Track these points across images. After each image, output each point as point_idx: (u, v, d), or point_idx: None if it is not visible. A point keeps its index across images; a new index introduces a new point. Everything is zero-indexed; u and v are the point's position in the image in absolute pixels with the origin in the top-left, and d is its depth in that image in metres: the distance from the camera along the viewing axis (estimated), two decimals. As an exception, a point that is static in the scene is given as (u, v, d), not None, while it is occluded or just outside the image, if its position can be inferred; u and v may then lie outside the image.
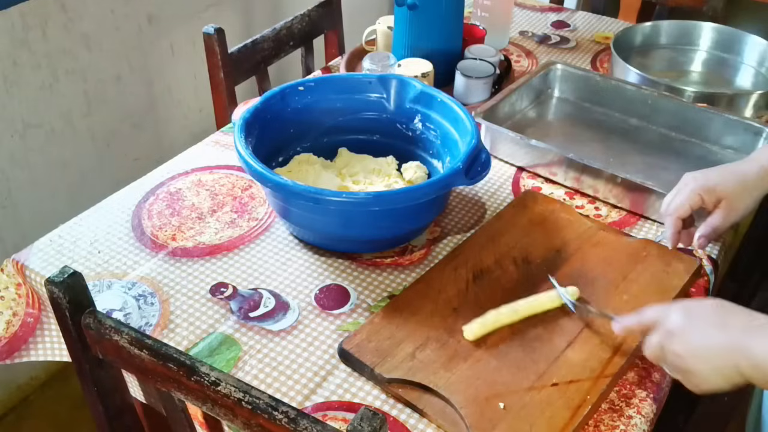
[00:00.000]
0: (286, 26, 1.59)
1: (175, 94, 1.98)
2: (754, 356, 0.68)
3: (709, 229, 0.94)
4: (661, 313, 0.78)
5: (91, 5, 1.66)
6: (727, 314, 0.73)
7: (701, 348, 0.72)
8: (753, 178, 0.91)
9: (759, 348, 0.68)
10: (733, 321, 0.72)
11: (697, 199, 0.93)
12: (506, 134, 1.22)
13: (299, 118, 1.14)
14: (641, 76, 1.35)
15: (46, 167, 1.69)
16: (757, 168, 0.92)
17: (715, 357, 0.71)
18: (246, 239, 1.07)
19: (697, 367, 0.72)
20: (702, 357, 0.72)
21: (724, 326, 0.72)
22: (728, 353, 0.70)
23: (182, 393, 0.72)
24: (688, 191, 0.93)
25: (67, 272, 0.75)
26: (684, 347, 0.73)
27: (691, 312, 0.75)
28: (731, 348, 0.70)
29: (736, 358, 0.69)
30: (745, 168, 0.93)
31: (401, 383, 0.83)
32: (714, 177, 0.93)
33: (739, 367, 0.69)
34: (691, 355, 0.73)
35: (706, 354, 0.72)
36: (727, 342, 0.70)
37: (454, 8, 1.37)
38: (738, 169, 0.93)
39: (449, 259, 1.01)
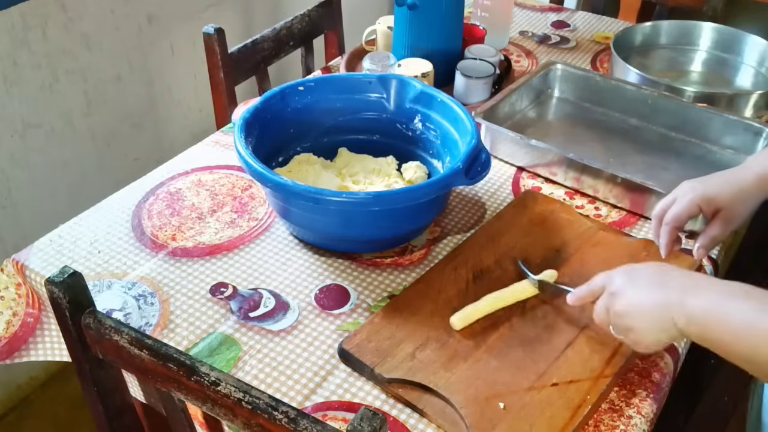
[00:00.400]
0: (286, 26, 1.59)
1: (175, 94, 1.98)
2: (689, 311, 0.71)
3: (707, 239, 0.95)
4: (606, 277, 0.81)
5: (91, 5, 1.66)
6: (667, 275, 0.76)
7: (640, 305, 0.76)
8: (749, 187, 0.92)
9: (693, 303, 0.71)
10: (673, 281, 0.75)
11: (695, 209, 0.94)
12: (506, 134, 1.22)
13: (299, 118, 1.14)
14: (641, 76, 1.35)
15: (46, 167, 1.69)
16: (753, 177, 0.92)
17: (653, 312, 0.74)
18: (246, 239, 1.07)
19: (636, 323, 0.76)
20: (640, 313, 0.76)
21: (663, 285, 0.75)
22: (665, 309, 0.73)
23: (182, 393, 0.72)
24: (687, 201, 0.93)
25: (67, 272, 0.75)
26: (624, 306, 0.77)
27: (632, 273, 0.79)
28: (668, 303, 0.73)
29: (673, 312, 0.72)
30: (741, 176, 0.93)
31: (401, 383, 0.83)
32: (712, 187, 0.93)
33: (676, 321, 0.72)
34: (630, 312, 0.76)
35: (644, 310, 0.75)
36: (664, 298, 0.74)
37: (454, 8, 1.37)
38: (735, 177, 0.93)
39: (449, 259, 1.01)
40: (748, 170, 0.93)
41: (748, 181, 0.92)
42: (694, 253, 0.97)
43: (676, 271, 0.77)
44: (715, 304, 0.70)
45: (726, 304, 0.69)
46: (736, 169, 0.95)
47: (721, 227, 0.94)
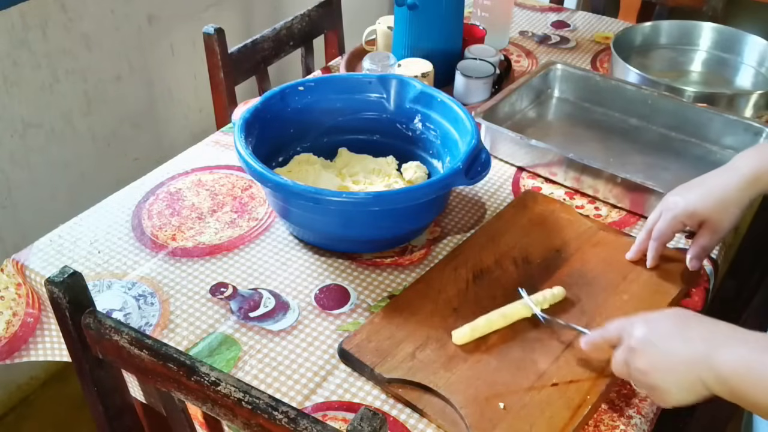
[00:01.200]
0: (286, 26, 1.59)
1: (175, 94, 1.98)
2: (717, 369, 0.67)
3: (698, 249, 0.96)
4: (623, 327, 0.77)
5: (91, 5, 1.66)
6: (689, 326, 0.72)
7: (664, 363, 0.72)
8: (733, 191, 0.90)
9: (721, 360, 0.67)
10: (695, 333, 0.71)
11: (679, 225, 0.94)
12: (506, 134, 1.22)
13: (299, 118, 1.14)
14: (641, 76, 1.35)
15: (46, 167, 1.69)
16: (736, 180, 0.91)
17: (679, 371, 0.70)
18: (246, 239, 1.07)
19: (662, 382, 0.72)
20: (665, 372, 0.71)
21: (686, 339, 0.71)
22: (691, 367, 0.69)
23: (182, 393, 0.72)
24: (670, 218, 0.94)
25: (67, 272, 0.75)
26: (647, 363, 0.73)
27: (652, 326, 0.74)
28: (694, 361, 0.69)
29: (700, 371, 0.69)
30: (724, 182, 0.91)
31: (401, 383, 0.83)
32: (694, 200, 0.92)
33: (703, 380, 0.68)
34: (655, 370, 0.72)
35: (669, 369, 0.71)
36: (689, 355, 0.70)
37: (454, 8, 1.37)
38: (717, 184, 0.92)
39: (449, 259, 1.01)
40: (735, 174, 0.91)
41: (731, 187, 0.90)
42: (688, 264, 0.97)
43: (700, 319, 0.73)
44: (746, 361, 0.66)
45: (759, 362, 0.65)
46: (722, 172, 0.93)
47: (708, 237, 0.94)
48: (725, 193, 0.91)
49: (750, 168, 0.90)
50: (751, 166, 0.90)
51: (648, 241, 0.98)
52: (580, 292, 0.95)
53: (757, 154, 0.92)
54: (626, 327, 0.76)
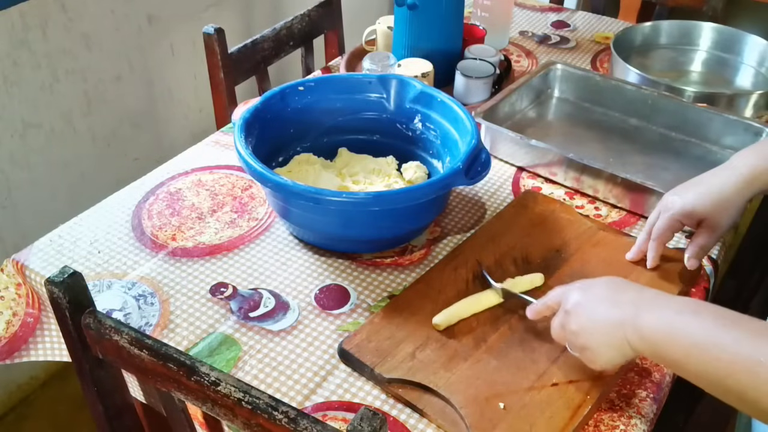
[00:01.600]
0: (286, 26, 1.59)
1: (175, 94, 1.98)
2: (641, 329, 0.71)
3: (696, 249, 0.96)
4: (561, 293, 0.81)
5: (91, 5, 1.66)
6: (620, 291, 0.76)
7: (594, 323, 0.76)
8: (731, 191, 0.91)
9: (645, 320, 0.71)
10: (625, 297, 0.75)
11: (677, 225, 0.95)
12: (506, 134, 1.22)
13: (299, 118, 1.14)
14: (641, 76, 1.35)
15: (46, 167, 1.69)
16: (734, 178, 0.91)
17: (607, 331, 0.74)
18: (246, 239, 1.07)
19: (591, 342, 0.76)
20: (594, 332, 0.76)
21: (616, 302, 0.75)
22: (618, 327, 0.73)
23: (182, 393, 0.72)
24: (668, 218, 0.94)
25: (67, 272, 0.75)
26: (578, 324, 0.77)
27: (586, 291, 0.78)
28: (620, 321, 0.73)
29: (625, 330, 0.72)
30: (722, 181, 0.92)
31: (401, 383, 0.83)
32: (691, 199, 0.93)
33: (629, 339, 0.72)
34: (585, 331, 0.76)
35: (598, 329, 0.75)
36: (616, 316, 0.74)
37: (454, 8, 1.37)
38: (715, 183, 0.92)
39: (449, 259, 1.01)
40: (733, 173, 0.92)
41: (729, 186, 0.91)
42: (686, 263, 0.97)
43: (631, 286, 0.77)
44: (667, 322, 0.70)
45: (677, 322, 0.69)
46: (720, 171, 0.93)
47: (706, 236, 0.94)
48: (723, 192, 0.91)
49: (748, 167, 0.91)
50: (749, 165, 0.91)
51: (648, 242, 0.98)
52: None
53: (755, 152, 0.92)
54: (564, 292, 0.81)
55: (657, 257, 0.98)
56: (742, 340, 0.64)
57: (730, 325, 0.66)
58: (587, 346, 0.77)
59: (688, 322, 0.68)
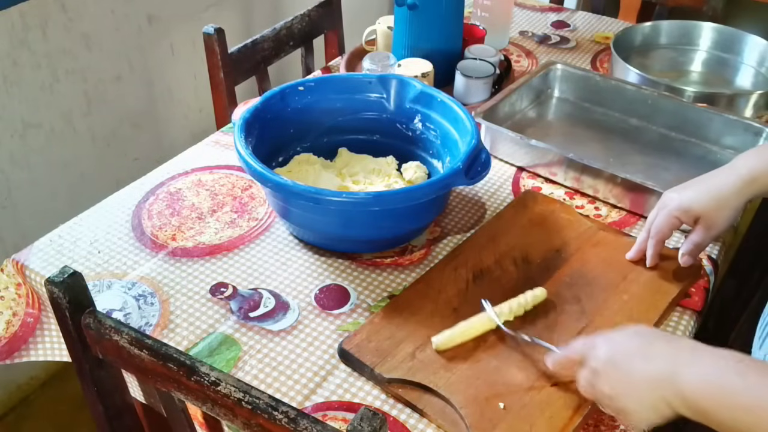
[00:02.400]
0: (286, 26, 1.59)
1: (175, 94, 1.98)
2: (680, 389, 0.66)
3: (690, 246, 0.96)
4: (587, 347, 0.76)
5: (91, 5, 1.66)
6: (651, 344, 0.71)
7: (627, 385, 0.71)
8: (729, 191, 0.91)
9: (684, 379, 0.66)
10: (657, 351, 0.70)
11: (675, 221, 0.94)
12: (506, 134, 1.22)
13: (299, 118, 1.14)
14: (641, 76, 1.35)
15: (46, 167, 1.69)
16: (734, 179, 0.91)
17: (642, 392, 0.69)
18: (246, 239, 1.07)
19: (627, 404, 0.71)
20: (629, 394, 0.70)
21: (648, 358, 0.70)
22: (654, 387, 0.68)
23: (182, 393, 0.72)
24: (665, 214, 0.94)
25: (67, 272, 0.75)
26: (611, 386, 0.72)
27: (614, 346, 0.73)
28: (657, 381, 0.68)
29: (663, 390, 0.67)
30: (721, 181, 0.92)
31: (401, 383, 0.83)
32: (689, 196, 0.93)
33: (667, 399, 0.67)
34: (619, 394, 0.71)
35: (633, 390, 0.70)
36: (652, 375, 0.69)
37: (454, 8, 1.37)
38: (714, 182, 0.92)
39: (449, 259, 1.01)
40: (732, 173, 0.92)
41: (727, 186, 0.91)
42: (680, 260, 0.97)
43: (660, 338, 0.72)
44: (709, 380, 0.65)
45: (721, 380, 0.64)
46: (721, 171, 0.93)
47: (702, 234, 0.94)
48: (721, 191, 0.91)
49: (748, 168, 0.91)
50: (750, 167, 0.91)
51: (646, 240, 0.98)
52: (580, 292, 0.95)
53: (757, 155, 0.92)
54: (589, 347, 0.75)
55: (656, 255, 0.98)
56: None
57: None
58: (623, 409, 0.71)
59: (733, 383, 0.63)
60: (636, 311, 0.92)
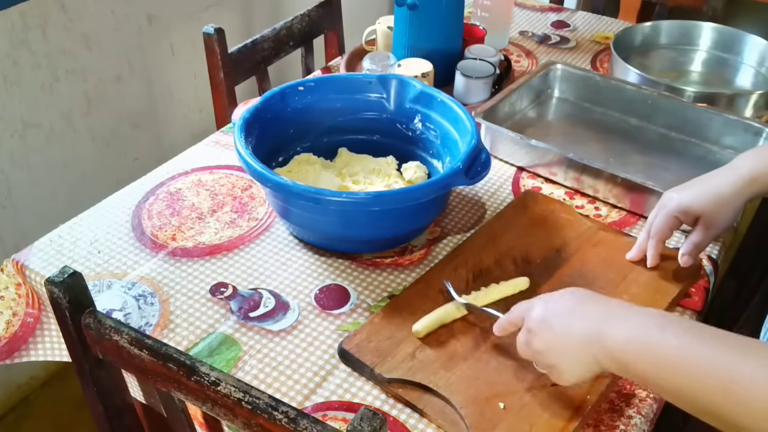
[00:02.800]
0: (286, 26, 1.59)
1: (175, 94, 1.98)
2: (608, 345, 0.68)
3: (690, 246, 0.96)
4: (524, 309, 0.78)
5: (91, 5, 1.66)
6: (584, 304, 0.74)
7: (559, 342, 0.73)
8: (728, 190, 0.91)
9: (611, 335, 0.68)
10: (589, 311, 0.72)
11: (674, 221, 0.94)
12: (506, 134, 1.22)
13: (299, 118, 1.14)
14: (641, 76, 1.35)
15: (46, 167, 1.69)
16: (734, 179, 0.91)
17: (573, 349, 0.72)
18: (246, 239, 1.07)
19: (558, 360, 0.73)
20: (561, 350, 0.73)
21: (580, 317, 0.72)
22: (585, 344, 0.71)
23: (182, 393, 0.72)
24: (665, 214, 0.94)
25: (67, 272, 0.75)
26: (544, 343, 0.74)
27: (549, 306, 0.75)
28: (587, 338, 0.70)
29: (593, 347, 0.70)
30: (721, 180, 0.92)
31: (401, 383, 0.83)
32: (689, 196, 0.93)
33: (596, 356, 0.70)
34: (550, 349, 0.74)
35: (564, 347, 0.73)
36: (582, 333, 0.71)
37: (454, 8, 1.37)
38: (714, 182, 0.92)
39: (449, 259, 1.01)
40: (732, 173, 0.92)
41: (727, 186, 0.91)
42: (680, 260, 0.97)
43: (596, 298, 0.74)
44: (633, 335, 0.67)
45: (645, 337, 0.66)
46: (721, 171, 0.93)
47: (702, 234, 0.94)
48: (721, 191, 0.91)
49: (748, 168, 0.91)
50: (750, 167, 0.91)
51: (647, 240, 0.98)
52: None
53: (757, 154, 0.92)
54: (527, 308, 0.78)
55: (657, 255, 0.98)
56: (715, 356, 0.61)
57: (700, 340, 0.63)
58: (554, 364, 0.74)
59: (656, 337, 0.65)
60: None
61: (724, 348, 0.62)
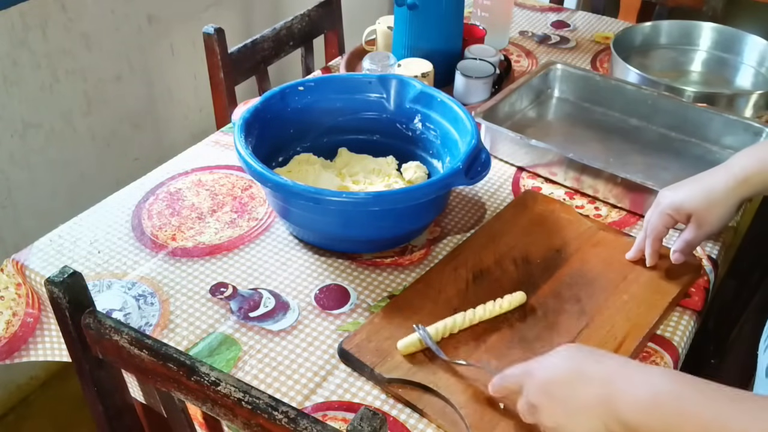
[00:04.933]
0: (286, 26, 1.59)
1: (175, 94, 1.98)
2: (617, 414, 0.66)
3: (682, 244, 0.96)
4: (523, 375, 0.74)
5: (91, 5, 1.66)
6: (583, 369, 0.70)
7: (566, 416, 0.70)
8: (721, 189, 0.91)
9: (619, 404, 0.66)
10: (588, 375, 0.69)
11: (668, 219, 0.94)
12: (506, 134, 1.22)
13: (299, 118, 1.14)
14: (641, 76, 1.35)
15: (46, 167, 1.69)
16: (726, 178, 0.91)
17: (583, 421, 0.68)
18: (246, 239, 1.07)
19: (565, 429, 0.70)
20: (570, 424, 0.69)
21: (584, 383, 0.69)
22: (593, 414, 0.68)
23: (182, 393, 0.72)
24: (659, 212, 0.95)
25: (67, 272, 0.75)
26: (552, 419, 0.71)
27: (548, 375, 0.72)
28: (594, 408, 0.67)
29: (602, 416, 0.67)
30: (714, 180, 0.92)
31: (401, 383, 0.83)
32: (682, 193, 0.93)
33: (607, 424, 0.67)
34: (560, 425, 0.70)
35: (573, 420, 0.69)
36: (588, 403, 0.68)
37: (454, 8, 1.37)
38: (707, 181, 0.92)
39: (449, 259, 1.01)
40: (726, 172, 0.91)
41: (719, 185, 0.91)
42: (671, 257, 0.97)
43: (591, 358, 0.71)
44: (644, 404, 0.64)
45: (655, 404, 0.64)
46: (716, 170, 0.93)
47: (693, 232, 0.94)
48: (713, 189, 0.91)
49: (741, 167, 0.91)
50: (743, 166, 0.90)
51: (644, 240, 0.98)
52: (580, 292, 0.95)
53: (752, 154, 0.92)
54: (526, 374, 0.74)
55: (655, 254, 0.98)
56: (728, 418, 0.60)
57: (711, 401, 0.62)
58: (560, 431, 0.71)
59: (666, 403, 0.63)
60: (636, 311, 0.92)
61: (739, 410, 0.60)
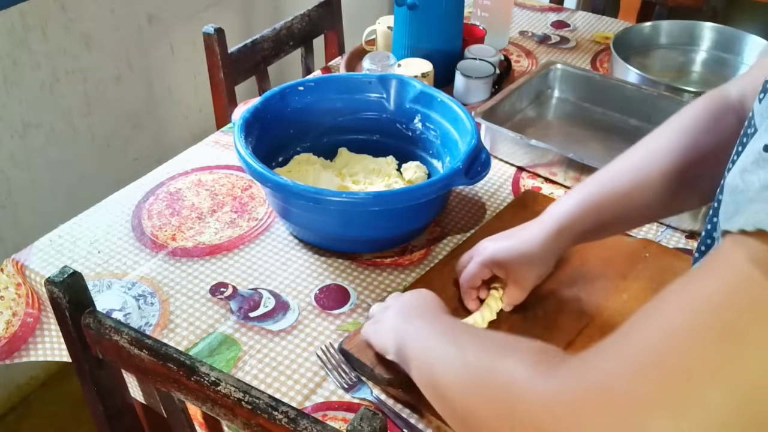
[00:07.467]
0: (286, 26, 1.59)
1: (175, 94, 1.98)
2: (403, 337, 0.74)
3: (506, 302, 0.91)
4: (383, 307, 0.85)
5: (91, 5, 1.66)
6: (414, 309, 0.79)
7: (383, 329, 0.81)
8: (536, 247, 0.85)
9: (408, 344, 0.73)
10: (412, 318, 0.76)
11: (486, 271, 0.90)
12: (506, 134, 1.22)
13: (299, 118, 1.14)
14: (641, 76, 1.35)
15: (46, 167, 1.69)
16: (539, 234, 0.85)
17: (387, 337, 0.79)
18: (246, 239, 1.07)
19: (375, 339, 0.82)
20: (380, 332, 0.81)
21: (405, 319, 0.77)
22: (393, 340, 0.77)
23: (182, 393, 0.72)
24: (477, 264, 0.89)
25: (67, 272, 0.75)
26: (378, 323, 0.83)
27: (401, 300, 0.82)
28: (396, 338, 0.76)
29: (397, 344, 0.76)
30: (530, 235, 0.86)
31: (401, 383, 0.83)
32: (500, 251, 0.88)
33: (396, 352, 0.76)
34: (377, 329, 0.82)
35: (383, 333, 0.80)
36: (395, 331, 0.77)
37: (454, 8, 1.37)
38: (523, 236, 0.87)
39: (449, 259, 1.01)
40: (539, 228, 0.86)
41: (534, 243, 0.86)
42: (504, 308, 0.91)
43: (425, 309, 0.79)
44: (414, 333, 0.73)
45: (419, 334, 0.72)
46: (532, 225, 0.88)
47: (513, 290, 0.89)
48: (528, 246, 0.86)
49: (554, 220, 0.85)
50: (555, 219, 0.85)
51: None
52: (580, 292, 0.95)
53: (565, 203, 0.86)
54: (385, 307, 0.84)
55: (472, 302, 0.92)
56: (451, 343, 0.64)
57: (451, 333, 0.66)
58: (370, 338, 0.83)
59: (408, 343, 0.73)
60: (636, 311, 0.92)
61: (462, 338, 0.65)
